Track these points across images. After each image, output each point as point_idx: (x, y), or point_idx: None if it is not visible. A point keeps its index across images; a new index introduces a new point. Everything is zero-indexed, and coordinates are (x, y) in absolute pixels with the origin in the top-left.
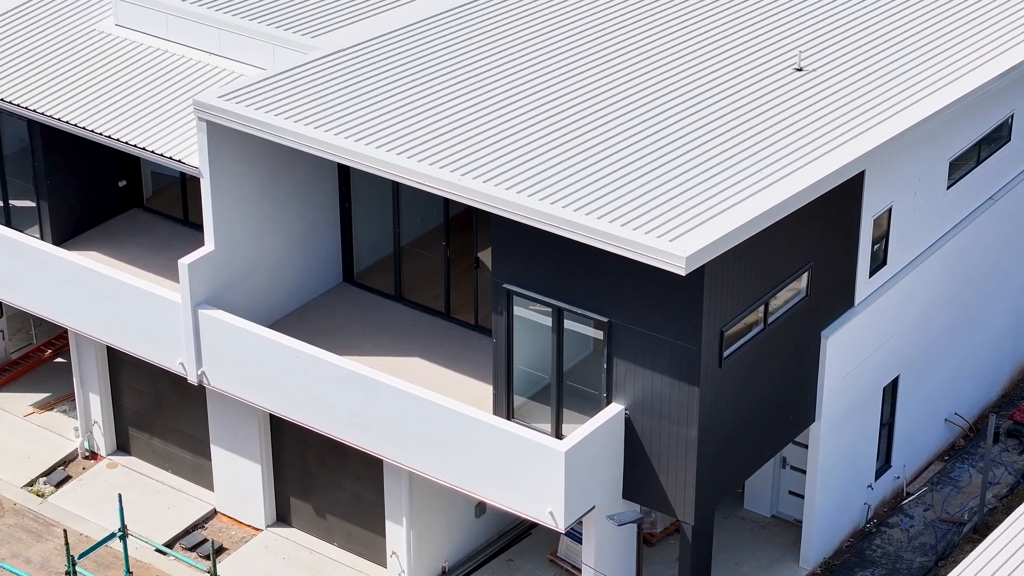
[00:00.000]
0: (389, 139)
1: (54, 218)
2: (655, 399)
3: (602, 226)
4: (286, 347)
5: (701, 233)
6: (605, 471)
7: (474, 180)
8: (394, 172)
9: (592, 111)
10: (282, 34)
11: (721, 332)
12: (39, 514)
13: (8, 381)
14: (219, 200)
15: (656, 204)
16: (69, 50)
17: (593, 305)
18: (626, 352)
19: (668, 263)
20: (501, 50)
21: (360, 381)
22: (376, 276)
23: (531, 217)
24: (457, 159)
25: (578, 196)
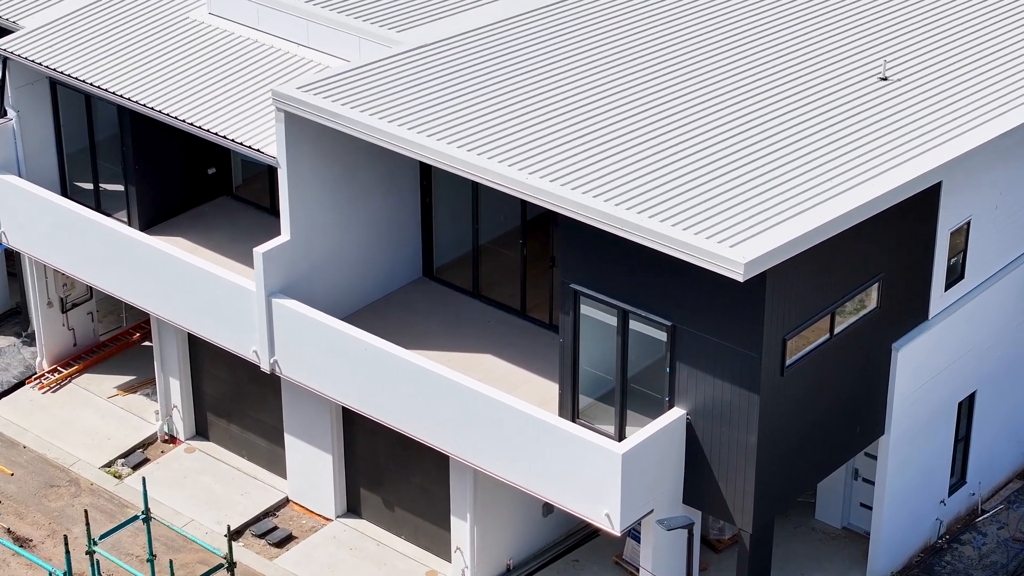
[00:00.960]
0: (460, 135)
1: (141, 203)
2: (716, 405)
3: (662, 228)
4: (355, 339)
5: (763, 239)
6: (665, 475)
7: (540, 179)
8: (461, 167)
9: (669, 114)
10: (368, 27)
11: (784, 340)
12: (114, 495)
13: (95, 362)
14: (296, 190)
15: (723, 209)
16: (162, 38)
17: (658, 308)
18: (689, 357)
19: (726, 268)
20: (580, 51)
21: (425, 376)
22: (455, 272)
23: (591, 217)
24: (527, 158)
25: (645, 198)
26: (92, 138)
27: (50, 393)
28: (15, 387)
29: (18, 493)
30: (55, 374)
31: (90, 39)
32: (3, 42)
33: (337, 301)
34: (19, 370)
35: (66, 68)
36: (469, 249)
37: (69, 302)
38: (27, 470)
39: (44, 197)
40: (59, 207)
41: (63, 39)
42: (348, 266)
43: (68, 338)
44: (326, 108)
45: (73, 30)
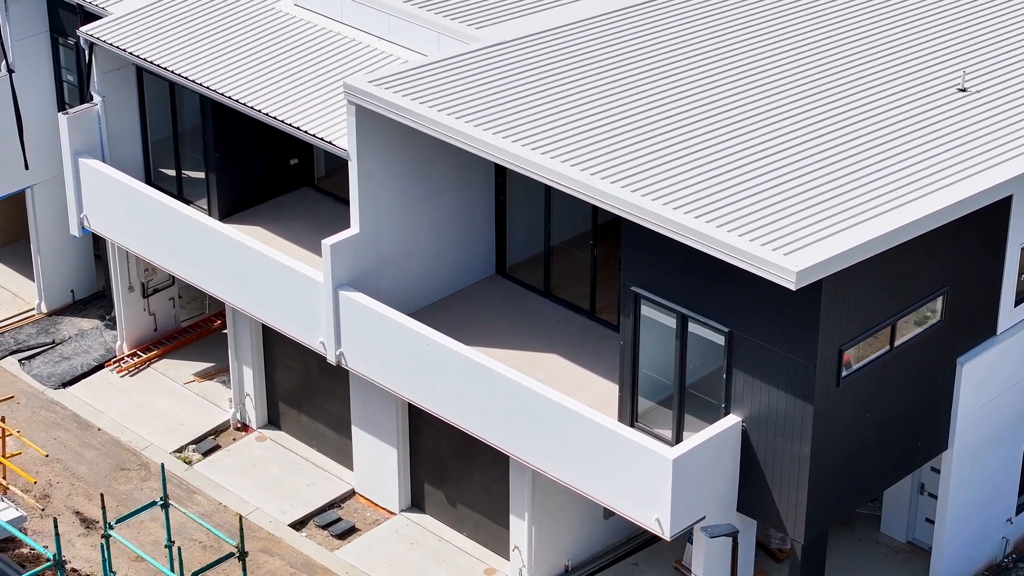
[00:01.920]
0: (526, 133)
1: (221, 191)
2: (771, 413)
3: (716, 232)
4: (418, 334)
5: (820, 248)
6: (718, 482)
7: (599, 180)
8: (522, 165)
9: (736, 119)
10: (447, 23)
11: (840, 350)
12: (183, 480)
13: (175, 348)
14: (366, 183)
15: (782, 215)
16: (246, 28)
17: (716, 314)
18: (745, 364)
19: (779, 276)
20: (653, 54)
21: (484, 373)
22: (528, 270)
23: (646, 219)
24: (590, 159)
25: (705, 203)
26: (176, 125)
27: (128, 377)
28: (95, 369)
29: (89, 475)
30: (134, 358)
31: (175, 27)
32: (89, 28)
33: (406, 295)
34: (100, 353)
35: (148, 55)
36: (542, 248)
37: (151, 287)
38: (99, 452)
39: (124, 182)
40: (137, 192)
41: (148, 26)
42: (418, 261)
43: (149, 323)
44: (396, 103)
45: (159, 18)
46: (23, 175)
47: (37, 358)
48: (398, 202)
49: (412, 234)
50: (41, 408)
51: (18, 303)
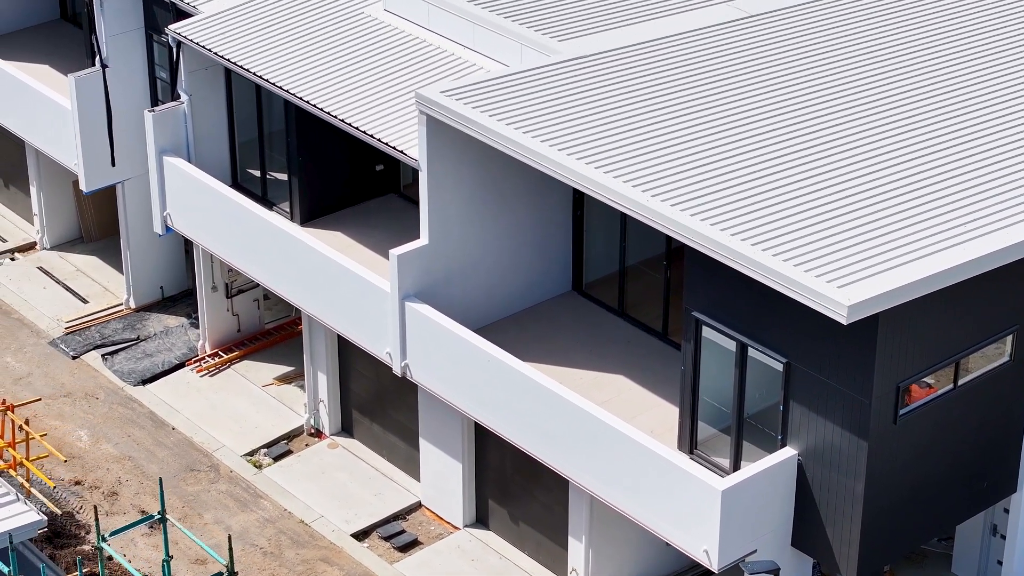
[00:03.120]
0: (594, 154)
1: (303, 196)
2: (827, 448)
3: (769, 260)
4: (480, 350)
5: (876, 282)
6: (771, 516)
7: (659, 203)
8: (584, 184)
9: (804, 145)
10: (530, 34)
11: (898, 387)
12: (251, 484)
13: (257, 350)
14: (436, 194)
15: (843, 246)
16: (333, 32)
17: (775, 343)
18: (802, 396)
19: (830, 309)
20: (729, 78)
21: (541, 392)
22: (604, 288)
23: (701, 243)
24: (654, 181)
25: (766, 230)
26: (261, 127)
27: (208, 377)
28: (176, 368)
29: (159, 474)
30: (215, 358)
31: (262, 29)
32: (178, 26)
33: (476, 309)
34: (182, 351)
35: (232, 55)
36: (618, 267)
37: (235, 288)
38: (171, 452)
39: (204, 182)
40: (216, 193)
41: (235, 27)
42: (489, 274)
43: (232, 323)
44: (466, 116)
45: (247, 19)
46: (116, 170)
47: (120, 354)
48: (469, 214)
49: (483, 247)
50: (119, 405)
51: (108, 297)
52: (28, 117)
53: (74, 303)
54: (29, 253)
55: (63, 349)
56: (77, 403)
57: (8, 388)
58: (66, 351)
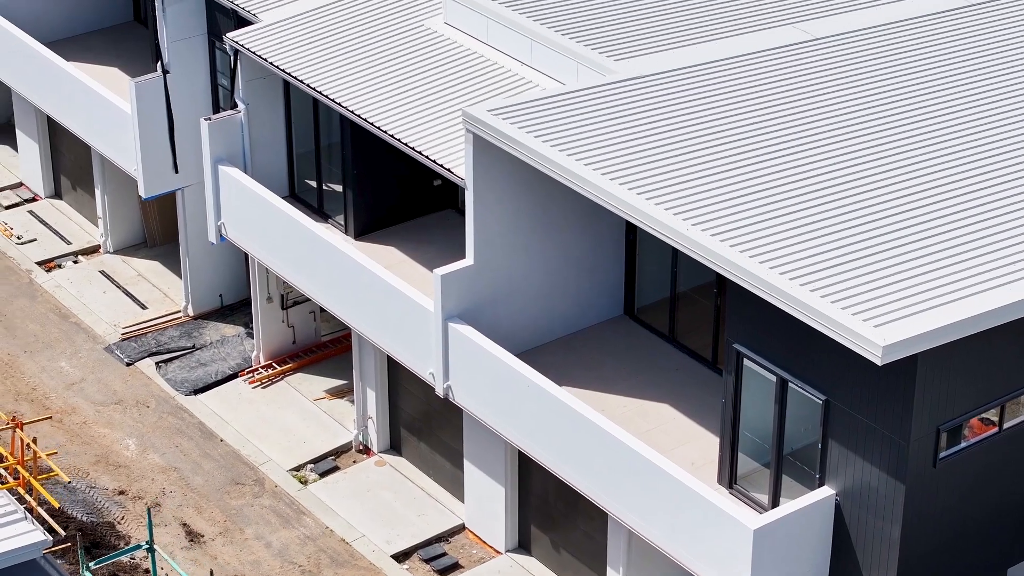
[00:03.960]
0: (639, 179)
1: (357, 209)
2: (865, 489)
3: (805, 296)
4: (520, 374)
5: (914, 321)
6: (807, 556)
7: (700, 232)
8: (624, 209)
9: (848, 177)
10: (586, 52)
11: (938, 430)
12: (295, 500)
13: (311, 362)
14: (482, 214)
15: (885, 283)
16: (392, 44)
17: (814, 380)
18: (841, 435)
19: (864, 349)
20: (785, 104)
21: (578, 420)
22: (655, 314)
23: (736, 274)
24: (695, 209)
25: (806, 265)
26: (318, 138)
27: (260, 389)
28: (229, 378)
29: (203, 487)
30: (269, 370)
31: (320, 39)
32: (236, 34)
33: (523, 331)
34: (236, 361)
35: (286, 65)
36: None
37: (290, 299)
38: (218, 464)
39: (256, 192)
40: (268, 203)
41: (293, 37)
42: (537, 297)
43: (287, 335)
44: (510, 135)
45: (306, 29)
46: (175, 176)
47: (174, 362)
48: (516, 234)
49: (531, 268)
50: (169, 414)
51: (167, 304)
52: (91, 120)
53: (133, 309)
54: (92, 256)
55: (118, 355)
56: (127, 411)
57: (60, 394)
58: (121, 357)
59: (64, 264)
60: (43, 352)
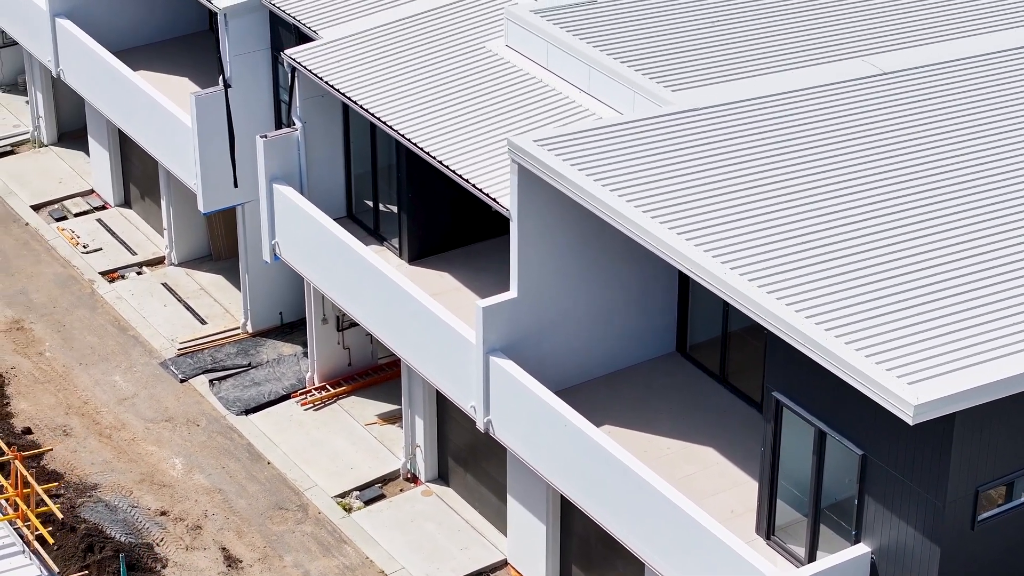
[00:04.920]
0: (682, 218)
1: (412, 232)
2: (900, 548)
3: (839, 348)
4: (558, 412)
5: (951, 380)
6: None
7: (737, 276)
8: (662, 249)
9: (900, 227)
10: (643, 81)
11: (976, 491)
12: (336, 528)
13: (365, 386)
14: (527, 246)
15: (923, 337)
16: (449, 65)
17: (852, 433)
18: (877, 492)
19: (896, 407)
20: (841, 143)
21: (615, 464)
22: (708, 352)
23: (766, 319)
24: (737, 252)
25: (846, 315)
26: (375, 159)
27: (312, 411)
28: (282, 399)
29: (246, 510)
30: (322, 391)
31: (377, 59)
32: (293, 51)
33: (568, 367)
34: (291, 382)
35: (340, 84)
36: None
37: (346, 321)
38: (263, 488)
39: (308, 212)
40: (319, 224)
41: (350, 56)
42: (584, 332)
43: (342, 357)
44: (554, 168)
45: (366, 48)
46: (234, 192)
47: (228, 380)
48: (563, 267)
49: (578, 302)
50: (219, 434)
51: (227, 320)
52: (153, 131)
53: (192, 323)
54: (157, 268)
55: (172, 371)
56: (177, 429)
57: (111, 409)
58: (175, 374)
59: (127, 275)
60: (98, 365)
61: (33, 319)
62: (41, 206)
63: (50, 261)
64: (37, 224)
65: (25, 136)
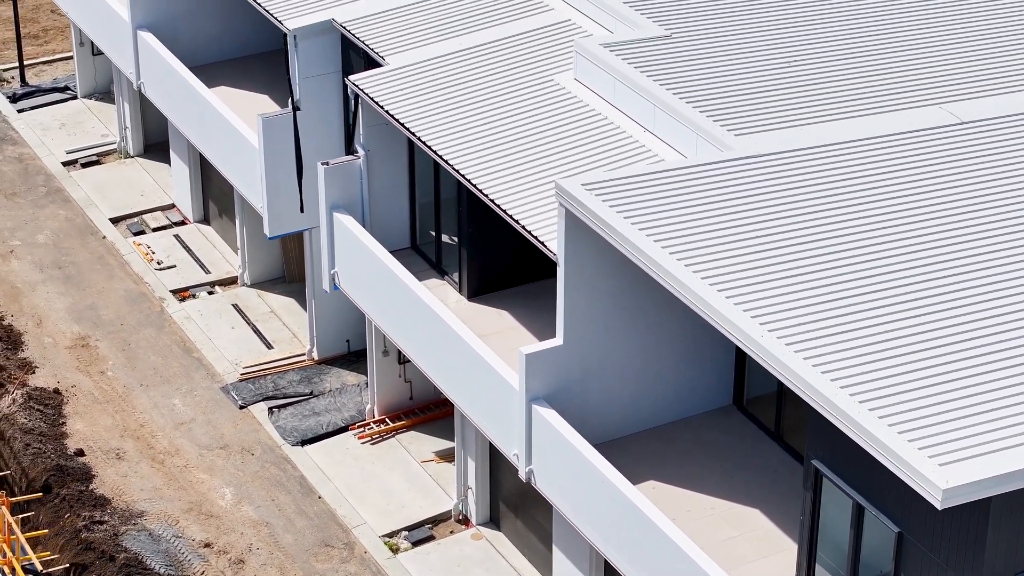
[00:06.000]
0: (724, 275)
1: (471, 268)
2: None
3: (869, 422)
4: (595, 468)
5: (988, 462)
6: None
7: (773, 340)
8: (701, 307)
9: (959, 295)
10: (706, 124)
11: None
12: (381, 569)
13: (426, 421)
14: (574, 292)
15: (961, 414)
16: (514, 98)
17: (890, 510)
18: (913, 570)
19: (924, 489)
20: (905, 201)
21: (648, 526)
22: (764, 406)
23: (800, 386)
24: (778, 316)
25: (882, 387)
26: (438, 189)
27: (368, 445)
28: (340, 430)
29: (292, 546)
30: (380, 425)
31: (441, 89)
32: (357, 78)
33: (616, 417)
34: (351, 413)
35: (400, 113)
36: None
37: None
38: (311, 523)
39: (364, 243)
40: (374, 256)
41: (416, 84)
42: (632, 382)
43: (404, 390)
44: (600, 215)
45: (431, 76)
46: (301, 217)
47: (287, 409)
48: (611, 315)
49: (627, 351)
50: (272, 464)
51: (294, 345)
52: (223, 150)
53: (258, 347)
54: (229, 288)
55: (232, 396)
56: (231, 457)
57: (167, 433)
58: (235, 399)
59: (198, 294)
60: (159, 387)
61: (99, 336)
62: (120, 219)
63: (123, 277)
64: (114, 238)
65: (112, 146)
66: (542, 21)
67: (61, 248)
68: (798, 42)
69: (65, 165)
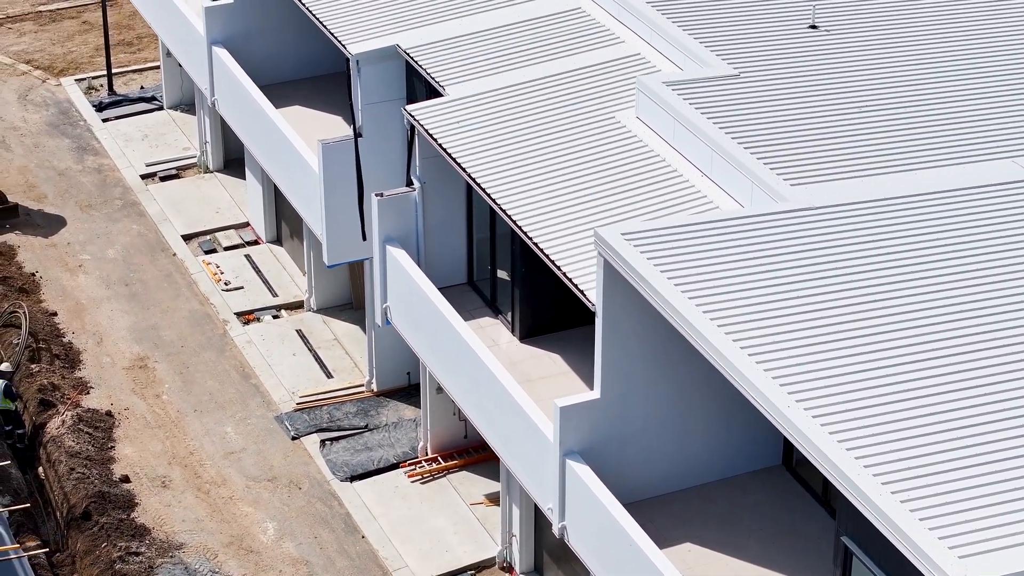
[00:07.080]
0: (757, 339)
1: (524, 308)
2: None
3: (888, 507)
4: (623, 529)
5: (1010, 556)
6: None
7: (801, 413)
8: (734, 377)
9: (1005, 380)
10: (762, 172)
11: None
12: None
13: (479, 461)
14: (612, 344)
15: (987, 504)
16: (571, 135)
17: None
18: None
19: None
20: (960, 266)
21: None
22: (813, 469)
23: (825, 466)
24: (811, 391)
25: (909, 468)
26: (493, 225)
27: (419, 483)
28: (391, 467)
29: None
30: (432, 463)
31: (498, 122)
32: (413, 108)
33: (655, 474)
34: (403, 449)
35: (451, 146)
36: None
37: None
38: (351, 564)
39: (413, 277)
40: (421, 291)
41: (473, 117)
42: (673, 438)
43: (458, 429)
44: (636, 268)
45: (490, 109)
46: (362, 245)
47: (340, 442)
48: (652, 369)
49: (669, 406)
50: (318, 500)
51: (354, 375)
52: (288, 173)
53: (318, 375)
54: (295, 312)
55: (286, 427)
56: (277, 491)
57: (216, 462)
58: (288, 429)
59: (263, 318)
60: (213, 413)
61: (158, 357)
62: (193, 236)
63: (189, 296)
64: (184, 255)
65: (192, 160)
66: (611, 55)
67: (130, 264)
68: (868, 86)
69: (144, 178)
